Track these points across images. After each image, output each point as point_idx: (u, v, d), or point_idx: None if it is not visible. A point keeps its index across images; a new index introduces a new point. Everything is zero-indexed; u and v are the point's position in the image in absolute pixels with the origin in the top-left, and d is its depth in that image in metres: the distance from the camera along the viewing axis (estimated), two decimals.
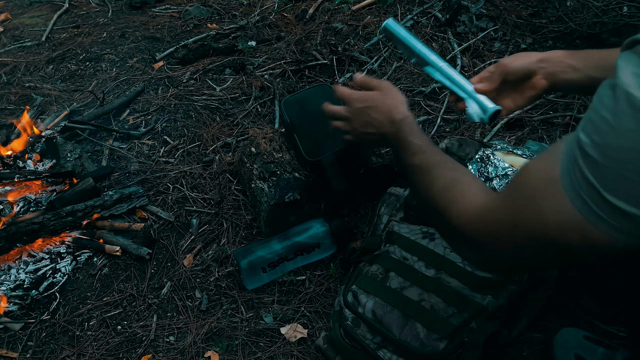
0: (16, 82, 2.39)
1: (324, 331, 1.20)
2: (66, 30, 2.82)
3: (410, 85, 1.97)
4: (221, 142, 1.85)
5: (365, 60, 2.13)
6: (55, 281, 1.45)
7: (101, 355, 1.26)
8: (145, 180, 1.73)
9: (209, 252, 1.48)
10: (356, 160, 1.43)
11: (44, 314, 1.38)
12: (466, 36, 2.14)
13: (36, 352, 1.30)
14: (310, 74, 2.11)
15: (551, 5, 2.15)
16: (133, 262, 1.48)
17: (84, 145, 1.91)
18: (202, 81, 2.18)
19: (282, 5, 2.67)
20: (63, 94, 2.25)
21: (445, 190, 0.77)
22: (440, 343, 1.00)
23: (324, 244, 1.36)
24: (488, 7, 2.23)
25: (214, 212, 1.58)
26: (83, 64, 2.48)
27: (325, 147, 1.37)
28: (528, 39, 2.08)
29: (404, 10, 2.36)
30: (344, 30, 2.30)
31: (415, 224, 1.24)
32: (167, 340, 1.28)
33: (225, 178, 1.68)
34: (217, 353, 1.22)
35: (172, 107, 2.04)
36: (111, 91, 2.23)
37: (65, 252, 1.52)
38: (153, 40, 2.58)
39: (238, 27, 2.53)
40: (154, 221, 1.60)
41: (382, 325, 1.05)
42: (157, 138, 1.92)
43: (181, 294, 1.38)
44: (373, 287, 1.12)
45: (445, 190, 0.77)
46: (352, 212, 1.50)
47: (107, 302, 1.39)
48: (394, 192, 1.38)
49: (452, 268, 1.10)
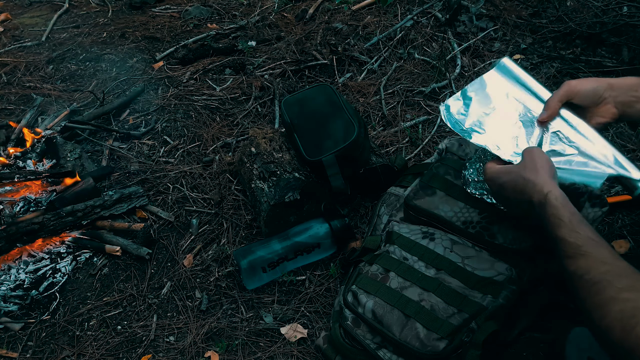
0: (16, 82, 2.39)
1: (324, 331, 1.20)
2: (66, 30, 2.82)
3: (410, 85, 1.97)
4: (221, 142, 1.85)
5: (365, 60, 2.13)
6: (55, 281, 1.45)
7: (101, 355, 1.26)
8: (145, 180, 1.73)
9: (209, 252, 1.48)
10: (356, 160, 1.43)
11: (44, 314, 1.38)
12: (466, 36, 2.14)
13: (36, 352, 1.30)
14: (310, 74, 2.11)
15: (551, 5, 2.15)
16: (133, 262, 1.48)
17: (84, 145, 1.91)
18: (202, 81, 2.18)
19: (282, 5, 2.67)
20: (63, 94, 2.25)
21: (627, 324, 0.63)
22: (440, 343, 1.00)
23: (324, 244, 1.36)
24: (488, 7, 2.23)
25: (214, 212, 1.58)
26: (83, 64, 2.48)
27: (325, 147, 1.37)
28: (528, 39, 2.08)
29: (404, 10, 2.36)
30: (344, 30, 2.30)
31: (415, 224, 1.24)
32: (167, 340, 1.28)
33: (225, 178, 1.68)
34: (217, 353, 1.22)
35: (172, 107, 2.04)
36: (111, 91, 2.22)
37: (65, 252, 1.52)
38: (153, 40, 2.58)
39: (238, 27, 2.53)
40: (154, 221, 1.60)
41: (382, 325, 1.05)
42: (157, 138, 1.92)
43: (181, 294, 1.38)
44: (373, 287, 1.11)
45: (628, 323, 0.63)
46: (352, 212, 1.50)
47: (107, 302, 1.39)
48: (394, 192, 1.38)
49: (452, 268, 1.10)
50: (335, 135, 1.38)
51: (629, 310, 0.64)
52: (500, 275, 1.07)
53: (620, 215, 1.36)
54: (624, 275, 0.69)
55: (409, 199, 1.25)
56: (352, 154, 1.39)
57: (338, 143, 1.37)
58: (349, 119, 1.40)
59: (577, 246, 0.74)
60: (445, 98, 1.87)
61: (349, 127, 1.38)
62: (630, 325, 0.63)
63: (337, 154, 1.35)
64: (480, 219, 1.15)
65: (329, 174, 1.36)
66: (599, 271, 0.69)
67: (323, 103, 1.46)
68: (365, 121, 1.61)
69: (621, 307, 0.64)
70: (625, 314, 0.64)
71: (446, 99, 1.14)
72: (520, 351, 1.12)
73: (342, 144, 1.36)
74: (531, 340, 1.13)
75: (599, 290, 0.68)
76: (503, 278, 1.07)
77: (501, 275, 1.07)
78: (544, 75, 1.87)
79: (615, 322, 0.64)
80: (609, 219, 1.35)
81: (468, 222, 1.16)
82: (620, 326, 0.64)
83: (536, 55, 1.99)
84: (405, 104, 1.90)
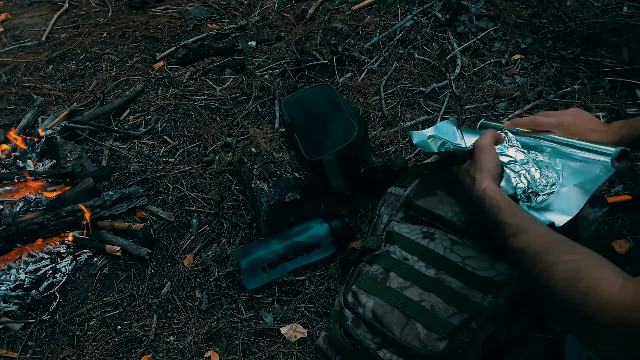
0: (16, 82, 2.39)
1: (324, 331, 1.20)
2: (66, 30, 2.82)
3: (410, 85, 1.97)
4: (221, 142, 1.85)
5: (365, 60, 2.13)
6: (55, 281, 1.45)
7: (101, 355, 1.26)
8: (145, 180, 1.73)
9: (209, 252, 1.48)
10: (356, 160, 1.43)
11: (44, 314, 1.38)
12: (466, 36, 2.14)
13: (36, 352, 1.30)
14: (310, 74, 2.11)
15: (551, 5, 2.15)
16: (133, 262, 1.48)
17: (84, 145, 1.91)
18: (202, 81, 2.18)
19: (282, 5, 2.67)
20: (63, 94, 2.25)
21: (572, 281, 0.68)
22: (441, 343, 1.00)
23: (324, 244, 1.36)
24: (488, 7, 2.23)
25: (214, 212, 1.58)
26: (83, 64, 2.48)
27: (325, 147, 1.37)
28: (528, 39, 2.08)
29: (404, 10, 2.37)
30: (344, 30, 2.30)
31: (415, 224, 1.24)
32: (167, 340, 1.28)
33: (225, 178, 1.68)
34: (217, 353, 1.22)
35: (172, 107, 2.04)
36: (111, 91, 2.22)
37: (65, 252, 1.52)
38: (153, 40, 2.58)
39: (238, 27, 2.53)
40: (154, 221, 1.60)
41: (383, 325, 1.05)
42: (157, 138, 1.92)
43: (181, 294, 1.38)
44: (373, 287, 1.11)
45: (572, 280, 0.68)
46: (352, 212, 1.50)
47: (107, 302, 1.39)
48: (394, 192, 1.38)
49: (453, 268, 1.10)
50: (335, 135, 1.38)
51: (572, 269, 0.70)
52: (500, 275, 1.07)
53: (620, 215, 1.36)
54: (562, 242, 0.76)
55: (409, 198, 1.25)
56: (352, 154, 1.39)
57: (338, 143, 1.37)
58: (349, 119, 1.40)
59: (516, 225, 0.82)
60: (445, 98, 1.87)
61: (349, 127, 1.38)
62: (574, 282, 0.68)
63: (337, 154, 1.35)
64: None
65: (329, 174, 1.36)
66: (538, 242, 0.77)
67: (323, 103, 1.46)
68: (365, 121, 1.61)
69: (564, 267, 0.71)
70: (569, 273, 0.70)
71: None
72: (520, 351, 1.12)
73: (342, 144, 1.36)
74: (531, 340, 1.13)
75: (542, 257, 0.74)
76: (503, 278, 1.07)
77: (501, 275, 1.07)
78: (544, 75, 1.88)
79: (560, 282, 0.70)
80: (609, 219, 1.35)
81: (469, 222, 1.16)
82: (565, 285, 0.69)
83: (536, 55, 1.99)
84: (405, 104, 1.90)
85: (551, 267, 0.72)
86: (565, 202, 1.00)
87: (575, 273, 0.69)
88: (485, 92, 1.88)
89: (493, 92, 1.86)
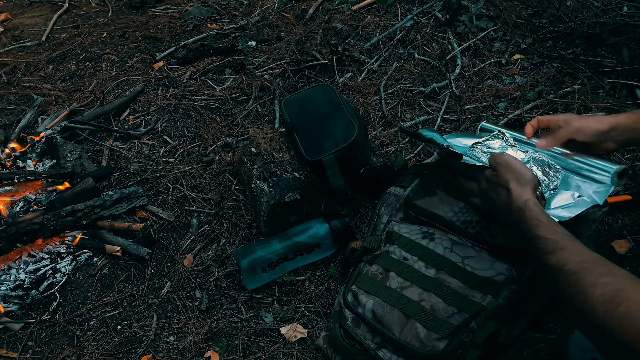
0: (16, 82, 2.39)
1: (324, 331, 1.20)
2: (66, 30, 2.82)
3: (410, 85, 1.97)
4: (221, 142, 1.85)
5: (365, 60, 2.13)
6: (55, 281, 1.45)
7: (101, 355, 1.26)
8: (145, 180, 1.73)
9: (209, 252, 1.48)
10: (356, 160, 1.43)
11: (44, 314, 1.38)
12: (466, 36, 2.14)
13: (36, 352, 1.30)
14: (310, 74, 2.11)
15: (551, 5, 2.15)
16: (133, 262, 1.48)
17: (84, 145, 1.91)
18: (202, 81, 2.18)
19: (282, 5, 2.67)
20: (63, 94, 2.25)
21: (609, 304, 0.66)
22: (440, 343, 1.00)
23: (324, 244, 1.36)
24: (488, 7, 2.23)
25: (214, 212, 1.58)
26: (83, 64, 2.48)
27: (325, 147, 1.37)
28: (528, 39, 2.08)
29: (404, 10, 2.37)
30: (344, 30, 2.30)
31: (415, 223, 1.24)
32: (167, 340, 1.28)
33: (225, 178, 1.68)
34: (217, 353, 1.22)
35: (172, 107, 2.04)
36: (111, 91, 2.23)
37: (65, 252, 1.52)
38: (153, 40, 2.58)
39: (238, 27, 2.53)
40: (154, 221, 1.60)
41: (382, 325, 1.05)
42: (157, 138, 1.92)
43: (181, 294, 1.38)
44: (373, 287, 1.11)
45: (611, 304, 0.66)
46: (352, 212, 1.50)
47: (107, 302, 1.39)
48: (394, 192, 1.38)
49: (452, 268, 1.10)
50: (335, 135, 1.38)
51: (610, 293, 0.67)
52: (500, 275, 1.07)
53: (620, 215, 1.36)
54: (600, 264, 0.74)
55: (409, 199, 1.25)
56: (352, 154, 1.39)
57: (338, 143, 1.37)
58: (349, 119, 1.40)
59: (555, 241, 0.80)
60: (445, 98, 1.87)
61: (349, 127, 1.38)
62: (612, 307, 0.66)
63: (337, 154, 1.35)
64: (480, 218, 1.15)
65: (329, 174, 1.36)
66: (576, 261, 0.75)
67: (323, 103, 1.46)
68: (365, 121, 1.61)
69: (602, 290, 0.68)
70: (607, 296, 0.67)
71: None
72: (521, 351, 1.12)
73: (342, 144, 1.36)
74: (532, 340, 1.13)
75: (579, 278, 0.72)
76: (503, 278, 1.07)
77: (501, 275, 1.07)
78: (544, 75, 1.88)
79: (597, 305, 0.68)
80: (609, 219, 1.35)
81: (468, 222, 1.16)
82: (602, 308, 0.67)
83: (536, 55, 1.99)
84: (405, 104, 1.90)
85: (589, 289, 0.70)
86: (563, 204, 1.03)
87: (614, 297, 0.67)
88: (485, 92, 1.88)
89: (493, 92, 1.86)
